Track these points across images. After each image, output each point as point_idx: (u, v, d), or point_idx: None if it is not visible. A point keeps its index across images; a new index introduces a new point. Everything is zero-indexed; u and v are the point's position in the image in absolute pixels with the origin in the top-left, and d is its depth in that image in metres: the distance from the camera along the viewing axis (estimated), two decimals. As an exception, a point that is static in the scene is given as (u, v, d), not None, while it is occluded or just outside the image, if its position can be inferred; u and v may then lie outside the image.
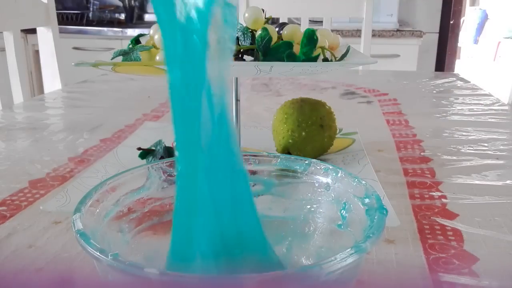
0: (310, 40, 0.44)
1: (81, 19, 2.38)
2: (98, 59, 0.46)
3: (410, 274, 0.33)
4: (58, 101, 0.94)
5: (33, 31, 1.17)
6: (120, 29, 2.22)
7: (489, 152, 0.59)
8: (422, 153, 0.59)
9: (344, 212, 0.30)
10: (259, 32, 0.45)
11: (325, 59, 0.47)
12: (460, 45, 3.89)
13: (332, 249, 0.30)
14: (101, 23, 2.38)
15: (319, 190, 0.32)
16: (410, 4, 2.40)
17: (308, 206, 0.33)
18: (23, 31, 2.03)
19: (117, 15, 2.48)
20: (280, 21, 0.54)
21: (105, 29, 2.24)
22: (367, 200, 0.28)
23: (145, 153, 0.53)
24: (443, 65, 2.46)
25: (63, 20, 2.33)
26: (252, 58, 0.47)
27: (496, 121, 0.74)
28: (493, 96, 0.92)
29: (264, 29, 0.45)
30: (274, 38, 0.46)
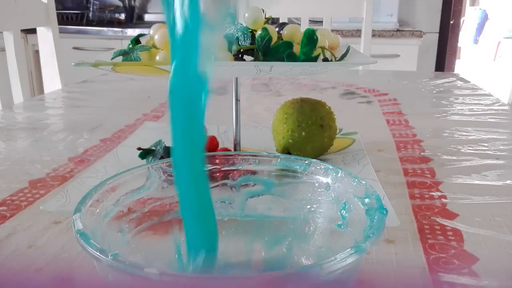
0: (310, 40, 0.44)
1: (81, 19, 2.38)
2: (98, 59, 0.46)
3: (410, 274, 0.33)
4: (58, 101, 0.94)
5: (33, 31, 1.17)
6: (120, 29, 2.22)
7: (489, 152, 0.59)
8: (422, 153, 0.59)
9: (344, 212, 0.30)
10: (259, 32, 0.45)
11: (325, 59, 0.47)
12: (460, 45, 3.89)
13: (332, 249, 0.30)
14: (101, 23, 2.38)
15: (319, 190, 0.32)
16: (410, 4, 2.40)
17: (308, 206, 0.33)
18: (23, 31, 2.03)
19: (117, 15, 2.48)
20: (280, 21, 0.54)
21: (105, 29, 2.24)
22: (367, 200, 0.28)
23: (145, 153, 0.53)
24: (443, 65, 2.46)
25: (63, 20, 2.33)
26: (252, 58, 0.47)
27: (496, 121, 0.74)
28: (493, 96, 0.92)
29: (264, 29, 0.45)
30: (274, 38, 0.46)
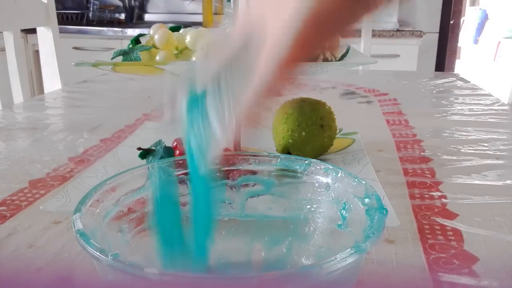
0: (310, 40, 0.44)
1: (81, 19, 2.38)
2: (98, 59, 0.46)
3: (410, 274, 0.33)
4: (58, 101, 0.94)
5: (33, 31, 1.17)
6: (120, 29, 2.22)
7: (489, 152, 0.59)
8: (422, 153, 0.59)
9: (344, 212, 0.30)
10: (259, 32, 0.45)
11: (325, 59, 0.47)
12: (460, 45, 3.89)
13: (332, 249, 0.30)
14: (101, 23, 2.38)
15: (319, 190, 0.32)
16: (410, 4, 2.40)
17: (308, 206, 0.33)
18: (23, 31, 2.03)
19: (117, 15, 2.48)
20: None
21: (105, 29, 2.23)
22: (367, 200, 0.28)
23: (145, 153, 0.53)
24: (443, 65, 2.46)
25: (63, 20, 2.33)
26: (252, 58, 0.46)
27: (496, 121, 0.74)
28: (493, 96, 0.92)
29: (264, 29, 0.45)
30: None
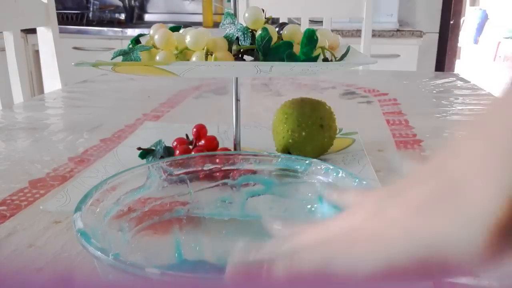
0: (310, 40, 0.44)
1: (81, 19, 2.38)
2: (98, 59, 0.46)
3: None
4: (58, 101, 0.94)
5: (33, 31, 1.17)
6: (120, 29, 2.22)
7: (489, 152, 0.59)
8: (422, 153, 0.59)
9: (344, 212, 0.30)
10: (259, 32, 0.45)
11: (325, 59, 0.47)
12: (460, 45, 3.89)
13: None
14: (101, 23, 2.38)
15: (320, 190, 0.32)
16: (410, 4, 2.40)
17: (309, 206, 0.33)
18: (23, 31, 2.03)
19: (117, 15, 2.48)
20: (280, 21, 0.54)
21: (105, 29, 2.23)
22: (367, 200, 0.28)
23: (145, 153, 0.53)
24: (443, 65, 2.45)
25: (63, 20, 2.32)
26: (252, 58, 0.47)
27: (496, 121, 0.74)
28: (493, 96, 0.91)
29: (264, 29, 0.45)
30: (274, 38, 0.46)
